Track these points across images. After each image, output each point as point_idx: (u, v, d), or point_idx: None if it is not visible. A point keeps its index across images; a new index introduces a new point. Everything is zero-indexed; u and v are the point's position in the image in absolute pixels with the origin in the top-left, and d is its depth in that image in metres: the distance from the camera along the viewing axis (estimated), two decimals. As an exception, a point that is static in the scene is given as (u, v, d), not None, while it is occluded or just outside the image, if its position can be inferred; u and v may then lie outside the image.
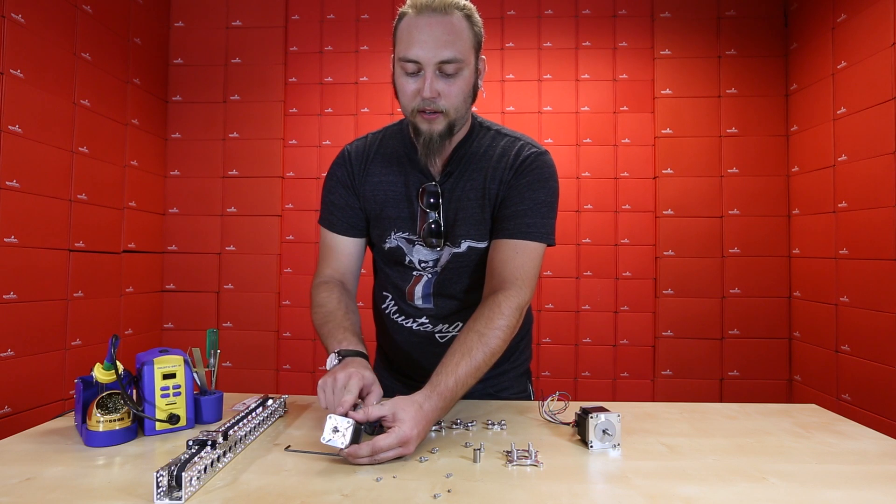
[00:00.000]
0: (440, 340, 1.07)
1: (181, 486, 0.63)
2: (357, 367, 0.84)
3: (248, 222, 2.95)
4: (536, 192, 0.98)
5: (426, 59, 0.89)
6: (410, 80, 0.91)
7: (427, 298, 1.05)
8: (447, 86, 0.91)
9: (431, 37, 0.88)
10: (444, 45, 0.88)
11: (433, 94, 0.90)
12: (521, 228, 0.97)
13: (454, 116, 0.94)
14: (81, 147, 2.30)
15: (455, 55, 0.89)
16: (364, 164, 1.06)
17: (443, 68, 0.89)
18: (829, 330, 2.47)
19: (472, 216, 1.00)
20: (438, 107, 0.92)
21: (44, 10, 2.12)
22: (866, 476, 0.72)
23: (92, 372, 0.83)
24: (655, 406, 1.05)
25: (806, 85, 2.69)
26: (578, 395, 2.82)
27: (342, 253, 1.08)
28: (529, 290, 0.96)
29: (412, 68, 0.90)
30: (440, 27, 0.88)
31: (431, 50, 0.88)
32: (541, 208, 0.98)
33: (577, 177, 2.91)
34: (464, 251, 1.01)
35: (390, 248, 1.05)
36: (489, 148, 1.02)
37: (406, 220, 1.03)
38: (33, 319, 2.05)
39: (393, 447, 0.74)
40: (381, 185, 1.04)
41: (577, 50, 2.95)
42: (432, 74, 0.89)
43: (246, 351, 2.90)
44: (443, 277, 1.04)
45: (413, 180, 1.02)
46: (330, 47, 3.00)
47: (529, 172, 0.99)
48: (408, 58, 0.89)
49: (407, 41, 0.90)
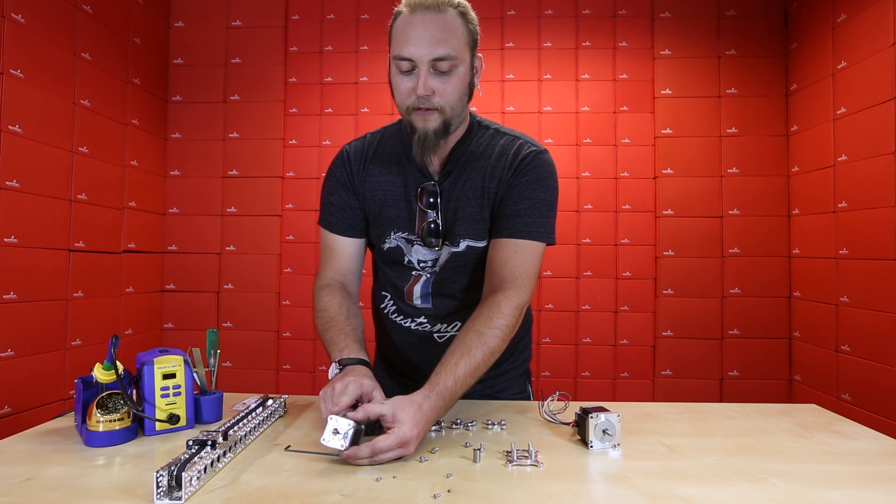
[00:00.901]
0: (438, 340, 1.07)
1: (181, 486, 0.63)
2: (357, 375, 0.84)
3: (248, 222, 2.95)
4: (536, 190, 0.98)
5: (420, 56, 0.89)
6: (405, 78, 0.91)
7: (426, 298, 1.05)
8: (442, 83, 0.91)
9: (425, 34, 0.88)
10: (437, 42, 0.88)
11: (427, 91, 0.90)
12: (520, 228, 0.96)
13: (450, 114, 0.94)
14: (81, 147, 2.30)
15: (449, 52, 0.89)
16: (363, 164, 1.06)
17: (437, 66, 0.89)
18: (829, 330, 2.47)
19: (470, 215, 1.00)
20: (433, 104, 0.91)
21: (44, 10, 2.12)
22: (866, 476, 0.72)
23: (92, 372, 0.83)
24: (655, 406, 1.05)
25: (806, 85, 2.69)
26: (578, 395, 2.82)
27: (343, 254, 1.07)
28: (529, 289, 0.96)
29: (406, 66, 0.90)
30: (434, 24, 0.88)
31: (425, 47, 0.88)
32: (540, 207, 0.98)
33: (577, 177, 2.91)
34: (463, 251, 1.01)
35: (389, 248, 1.05)
36: (488, 147, 1.02)
37: (405, 220, 1.03)
38: (33, 319, 2.05)
39: (393, 448, 0.73)
40: (380, 185, 1.04)
41: (577, 50, 2.95)
42: (426, 72, 0.89)
43: (246, 351, 2.90)
44: (441, 277, 1.04)
45: (412, 180, 1.02)
46: (330, 47, 3.00)
47: (529, 171, 0.99)
48: (402, 56, 0.89)
49: (401, 39, 0.90)
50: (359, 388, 0.81)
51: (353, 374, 0.84)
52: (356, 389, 0.80)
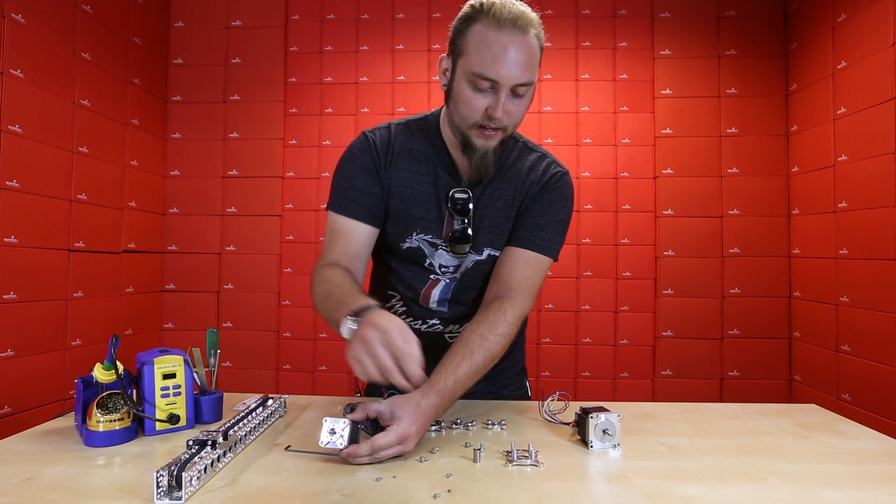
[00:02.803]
0: (449, 340, 1.07)
1: (181, 486, 0.63)
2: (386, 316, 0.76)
3: (248, 222, 2.95)
4: (557, 210, 1.01)
5: (506, 80, 0.85)
6: (479, 95, 0.87)
7: (443, 303, 1.06)
8: (515, 106, 0.89)
9: (513, 58, 0.84)
10: (524, 67, 0.85)
11: (505, 115, 0.88)
12: (536, 242, 0.99)
13: (511, 132, 0.95)
14: (81, 147, 2.30)
15: (531, 79, 0.87)
16: (390, 156, 1.01)
17: (516, 90, 0.87)
18: (829, 330, 2.47)
19: (497, 225, 1.01)
20: (503, 125, 0.90)
21: (44, 10, 2.11)
22: (866, 476, 0.72)
23: (92, 372, 0.83)
24: (655, 406, 1.05)
25: (806, 85, 2.69)
26: (578, 395, 2.82)
27: (355, 239, 0.99)
28: (532, 301, 0.98)
29: (486, 86, 0.86)
30: (521, 48, 0.85)
31: (512, 72, 0.84)
32: (557, 226, 1.01)
33: (577, 177, 2.90)
34: (484, 259, 1.02)
35: (409, 247, 1.02)
36: (518, 160, 1.03)
37: (432, 223, 1.00)
38: (33, 319, 2.05)
39: (392, 445, 0.73)
40: (408, 182, 1.00)
41: (577, 50, 2.95)
42: (506, 96, 0.87)
43: (246, 351, 2.90)
44: (462, 284, 1.04)
45: (442, 182, 1.00)
46: (330, 47, 3.00)
47: (554, 191, 1.01)
48: (487, 76, 0.85)
49: (487, 57, 0.84)
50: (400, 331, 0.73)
51: (383, 315, 0.76)
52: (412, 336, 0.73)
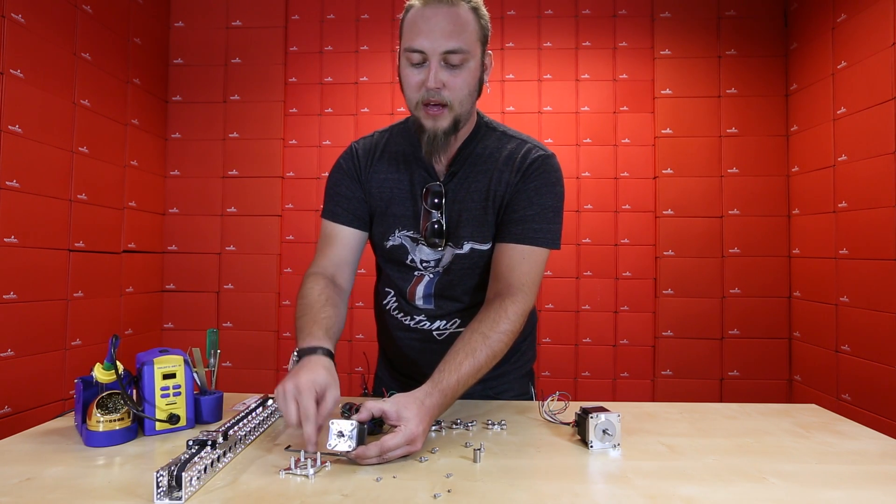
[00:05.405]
0: (438, 338, 1.07)
1: (181, 486, 0.63)
2: (311, 368, 0.80)
3: (248, 222, 2.95)
4: (544, 196, 0.98)
5: (431, 48, 0.88)
6: (415, 70, 0.91)
7: (428, 299, 1.05)
8: (452, 77, 0.90)
9: (437, 27, 0.88)
10: (449, 35, 0.88)
11: (437, 84, 0.89)
12: (528, 234, 0.97)
13: (459, 111, 0.93)
14: (81, 147, 2.30)
15: (460, 45, 0.88)
16: (371, 161, 1.06)
17: (448, 59, 0.89)
18: (829, 330, 2.47)
19: (475, 218, 1.00)
20: (443, 99, 0.91)
21: (44, 10, 2.11)
22: (866, 476, 0.72)
23: (92, 372, 0.83)
24: (655, 406, 1.05)
25: (806, 85, 2.69)
26: (578, 395, 2.82)
27: (340, 243, 1.04)
28: (534, 295, 0.97)
29: (417, 59, 0.90)
30: (446, 17, 0.88)
31: (437, 40, 0.88)
32: (547, 213, 0.98)
33: (577, 177, 2.91)
34: (466, 252, 1.01)
35: (392, 245, 1.04)
36: (495, 150, 1.01)
37: (410, 219, 1.02)
38: (33, 319, 2.05)
39: (401, 446, 0.74)
40: (386, 183, 1.04)
41: (577, 50, 2.95)
42: (437, 65, 0.89)
43: (246, 351, 2.90)
44: (446, 280, 1.04)
45: (418, 178, 1.02)
46: (330, 47, 3.00)
47: (537, 177, 0.98)
48: (413, 48, 0.89)
49: (412, 31, 0.89)
50: (312, 388, 0.76)
51: (308, 367, 0.80)
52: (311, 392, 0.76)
